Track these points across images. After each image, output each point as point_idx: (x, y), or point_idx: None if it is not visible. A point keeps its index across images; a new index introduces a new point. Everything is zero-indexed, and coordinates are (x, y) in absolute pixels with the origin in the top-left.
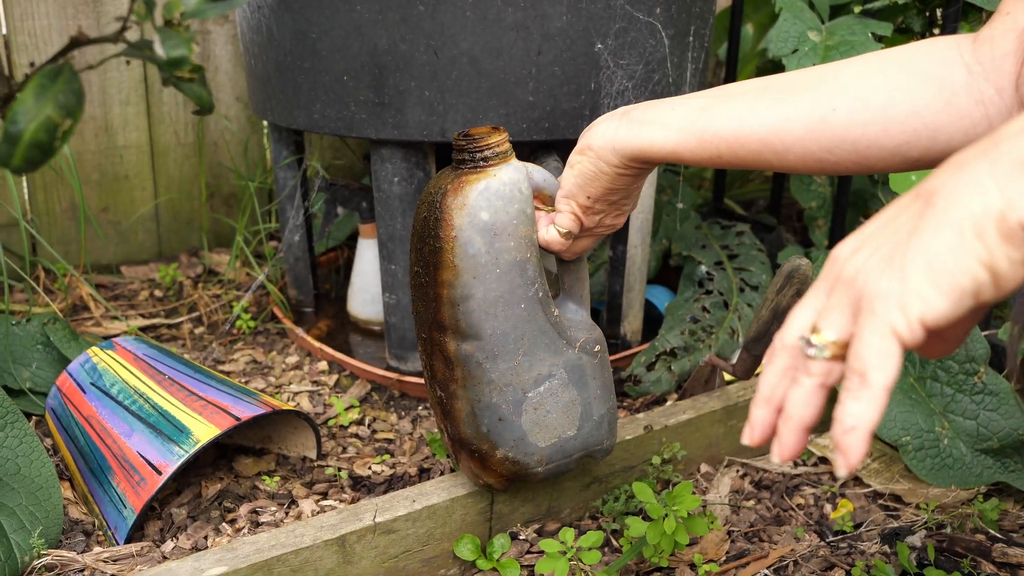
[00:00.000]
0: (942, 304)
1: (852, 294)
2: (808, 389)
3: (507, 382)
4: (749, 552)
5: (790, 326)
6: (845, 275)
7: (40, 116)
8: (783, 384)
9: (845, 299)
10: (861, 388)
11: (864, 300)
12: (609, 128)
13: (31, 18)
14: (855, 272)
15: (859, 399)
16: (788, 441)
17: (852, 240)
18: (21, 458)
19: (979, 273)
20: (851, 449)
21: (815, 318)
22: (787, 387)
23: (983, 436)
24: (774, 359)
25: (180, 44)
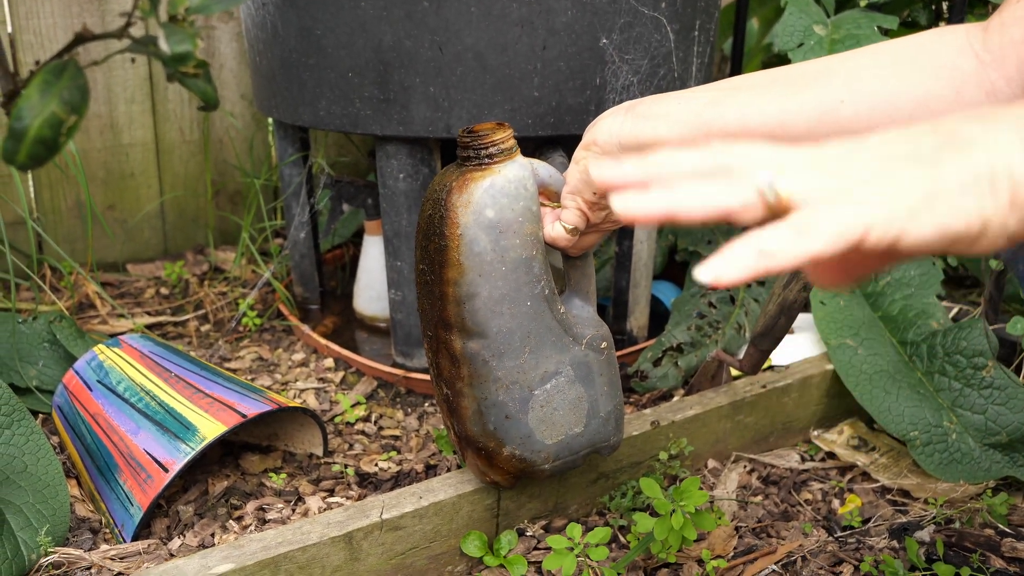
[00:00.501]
0: (928, 233)
1: (843, 179)
2: (711, 196)
3: (513, 380)
4: (757, 548)
5: (756, 145)
6: (845, 162)
7: (45, 112)
8: (684, 168)
9: (832, 180)
10: (792, 238)
11: (857, 188)
12: (615, 123)
13: (36, 16)
14: (856, 165)
15: (785, 240)
16: (647, 202)
17: (850, 143)
18: (28, 456)
19: (974, 223)
20: (740, 263)
21: (786, 166)
22: (688, 174)
23: (991, 430)
24: (705, 150)
25: (185, 39)
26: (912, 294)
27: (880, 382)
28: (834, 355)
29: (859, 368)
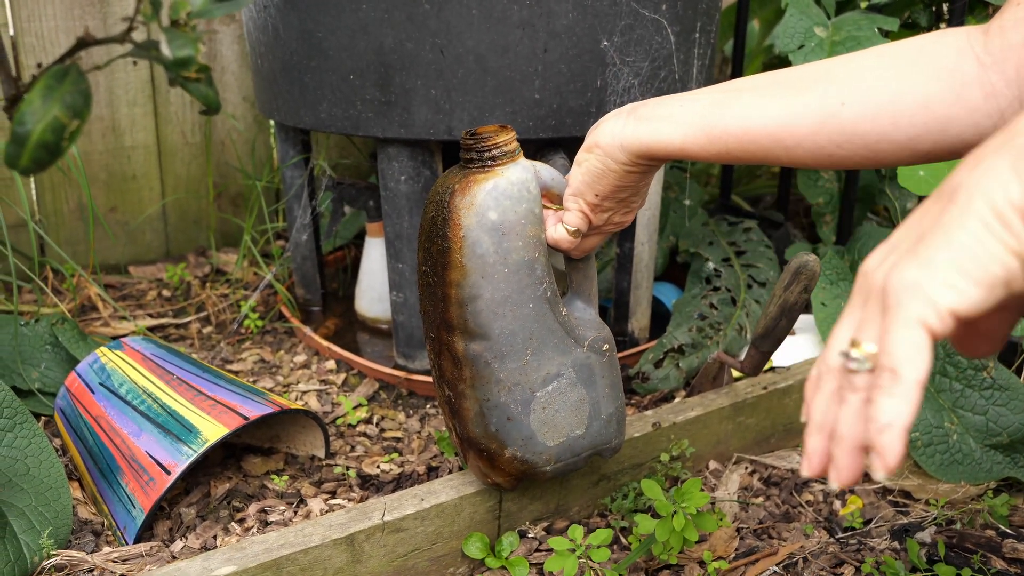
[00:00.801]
0: (974, 293)
1: (883, 297)
2: (856, 406)
3: (515, 381)
4: (758, 549)
5: (831, 347)
6: (876, 283)
7: (47, 117)
8: (833, 408)
9: (879, 306)
10: (893, 384)
11: (890, 296)
12: (617, 125)
13: (38, 19)
14: (884, 277)
15: (892, 395)
16: (844, 464)
17: (880, 250)
18: (30, 458)
19: (1010, 261)
20: (888, 448)
21: (853, 333)
22: (837, 410)
23: (992, 431)
24: (821, 384)
25: (186, 44)
26: None
27: None
28: None
29: None
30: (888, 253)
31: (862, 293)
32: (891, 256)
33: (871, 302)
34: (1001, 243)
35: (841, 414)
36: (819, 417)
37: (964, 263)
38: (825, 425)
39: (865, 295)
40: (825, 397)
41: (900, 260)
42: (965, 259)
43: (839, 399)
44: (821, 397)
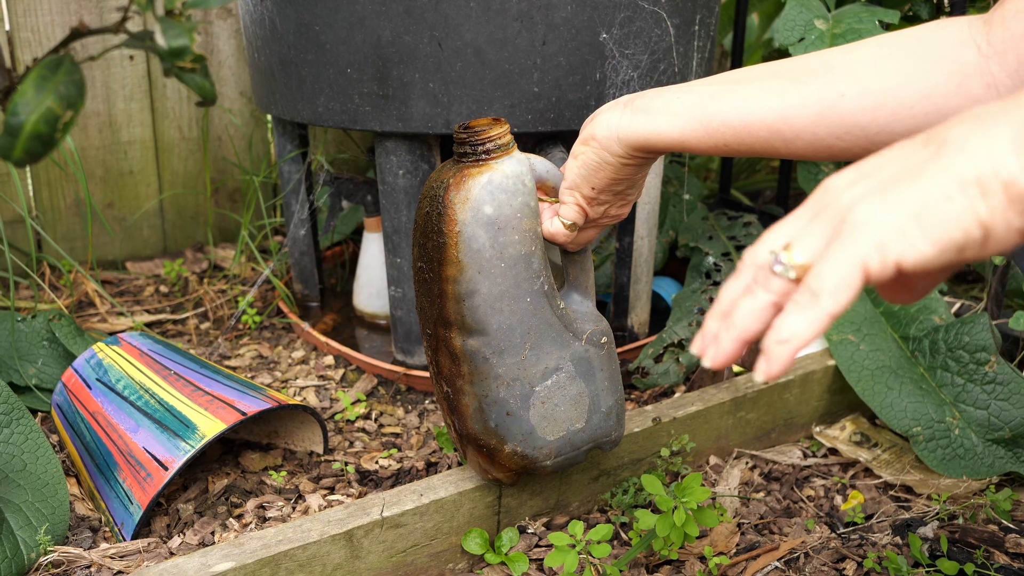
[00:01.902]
0: (926, 250)
1: (836, 220)
2: (760, 303)
3: (514, 376)
4: (759, 544)
5: (763, 241)
6: (836, 204)
7: (41, 107)
8: (740, 298)
9: (828, 226)
10: (810, 306)
11: (846, 224)
12: (613, 117)
13: (34, 14)
14: (847, 202)
15: (804, 316)
16: (723, 347)
17: (852, 172)
18: (27, 455)
19: (973, 230)
20: (778, 359)
21: (790, 239)
22: (742, 299)
23: (994, 426)
24: (740, 273)
25: (181, 34)
26: None
27: (882, 378)
28: (836, 351)
29: (861, 364)
30: (859, 179)
31: (817, 206)
32: (861, 183)
33: (823, 218)
34: (971, 210)
35: (743, 303)
36: (727, 304)
37: (928, 219)
38: (728, 312)
39: (819, 209)
40: (739, 286)
41: (869, 194)
42: (930, 215)
43: (749, 291)
44: (736, 285)
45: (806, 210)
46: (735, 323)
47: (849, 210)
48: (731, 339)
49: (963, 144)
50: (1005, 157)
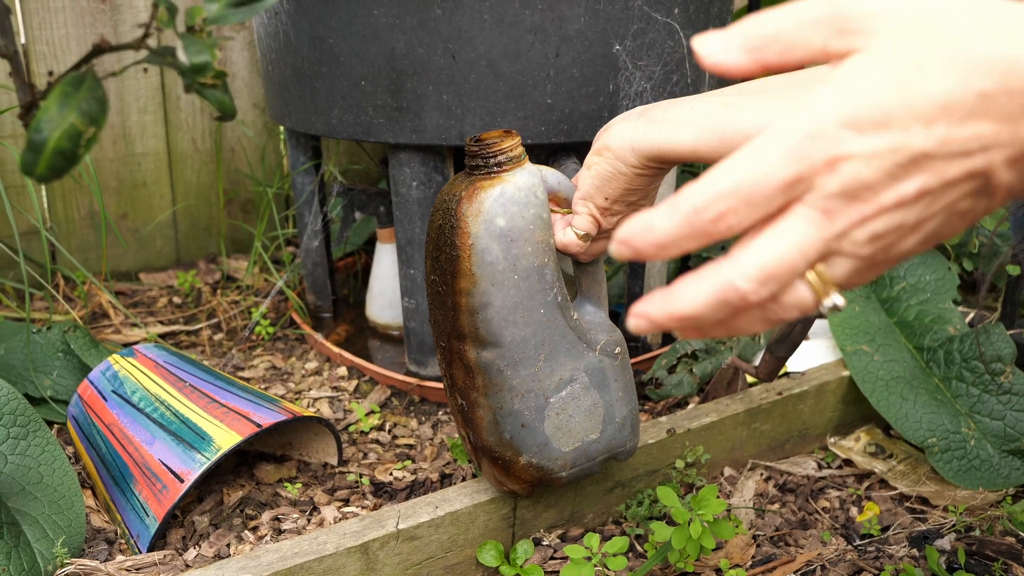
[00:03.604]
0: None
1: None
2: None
3: (529, 388)
4: (775, 557)
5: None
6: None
7: (64, 124)
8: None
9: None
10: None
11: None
12: (627, 128)
13: (49, 27)
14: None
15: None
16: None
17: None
18: (44, 467)
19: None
20: (642, 249)
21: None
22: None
23: (1010, 437)
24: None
25: (203, 50)
26: (928, 299)
27: (897, 388)
28: (850, 361)
29: (875, 374)
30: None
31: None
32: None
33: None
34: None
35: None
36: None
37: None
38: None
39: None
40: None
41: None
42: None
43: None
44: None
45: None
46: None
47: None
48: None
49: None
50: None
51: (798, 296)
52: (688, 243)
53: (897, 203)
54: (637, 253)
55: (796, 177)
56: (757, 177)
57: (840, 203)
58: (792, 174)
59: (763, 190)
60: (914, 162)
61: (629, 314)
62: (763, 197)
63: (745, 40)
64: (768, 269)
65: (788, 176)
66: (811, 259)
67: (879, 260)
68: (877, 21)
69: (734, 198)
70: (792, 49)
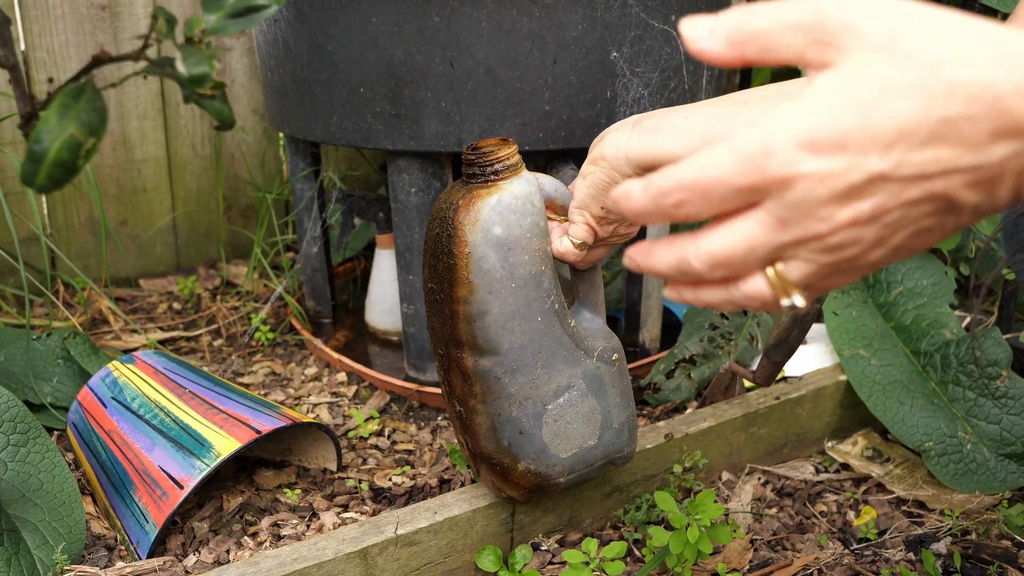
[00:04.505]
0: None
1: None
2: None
3: (526, 395)
4: (773, 561)
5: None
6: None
7: (64, 135)
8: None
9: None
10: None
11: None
12: (622, 137)
13: (49, 35)
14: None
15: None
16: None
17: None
18: (43, 473)
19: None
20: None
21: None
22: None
23: (1007, 440)
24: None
25: (202, 61)
26: (925, 304)
27: (894, 392)
28: (847, 366)
29: (872, 379)
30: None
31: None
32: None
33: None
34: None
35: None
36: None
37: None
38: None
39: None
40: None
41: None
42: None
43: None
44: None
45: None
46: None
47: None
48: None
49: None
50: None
51: (756, 287)
52: (656, 218)
53: (852, 221)
54: (622, 213)
55: (749, 186)
56: (711, 179)
57: (794, 215)
58: (744, 183)
59: (717, 191)
60: (870, 182)
61: (626, 252)
62: (717, 196)
63: (730, 32)
64: (716, 256)
65: (740, 183)
66: (761, 258)
67: (845, 268)
68: (852, 38)
69: (691, 192)
70: (772, 49)
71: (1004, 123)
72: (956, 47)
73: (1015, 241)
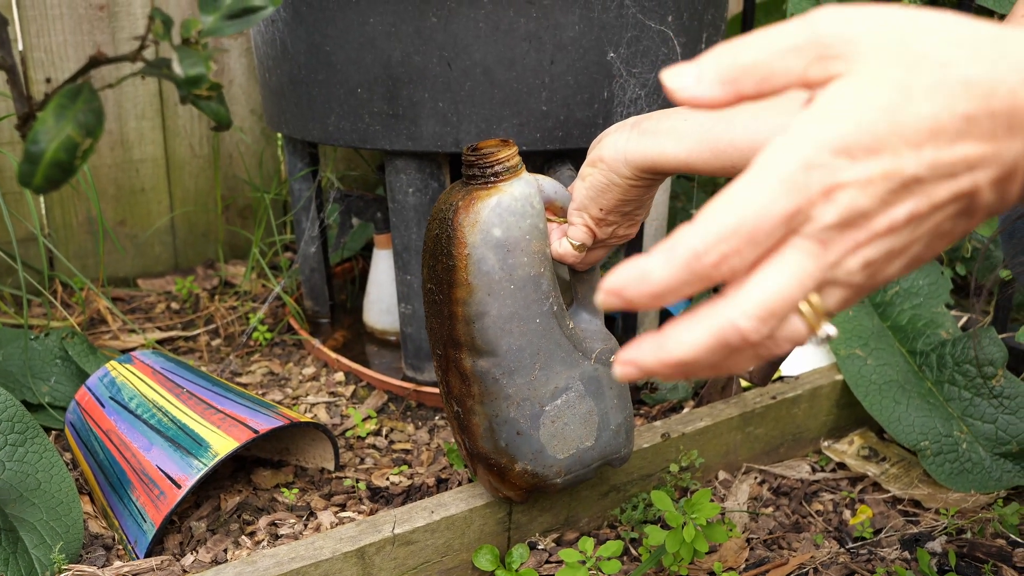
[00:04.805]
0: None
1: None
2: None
3: (524, 396)
4: (769, 560)
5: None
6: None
7: (60, 136)
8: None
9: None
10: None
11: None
12: (620, 139)
13: (47, 34)
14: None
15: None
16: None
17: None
18: (41, 473)
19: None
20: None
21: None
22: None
23: (1002, 440)
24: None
25: (198, 62)
26: (921, 304)
27: (890, 392)
28: (843, 365)
29: (868, 378)
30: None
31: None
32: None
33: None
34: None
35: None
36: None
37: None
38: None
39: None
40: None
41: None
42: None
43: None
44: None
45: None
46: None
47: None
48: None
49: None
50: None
51: (792, 329)
52: (687, 290)
53: (889, 228)
54: (629, 303)
55: (796, 209)
56: (759, 213)
57: (836, 232)
58: (792, 206)
59: (765, 226)
60: (905, 186)
61: (616, 361)
62: (765, 234)
63: (719, 72)
64: (770, 306)
65: (789, 209)
66: (808, 291)
67: (866, 287)
68: (858, 46)
69: (736, 238)
70: (770, 78)
71: (1019, 117)
72: (964, 47)
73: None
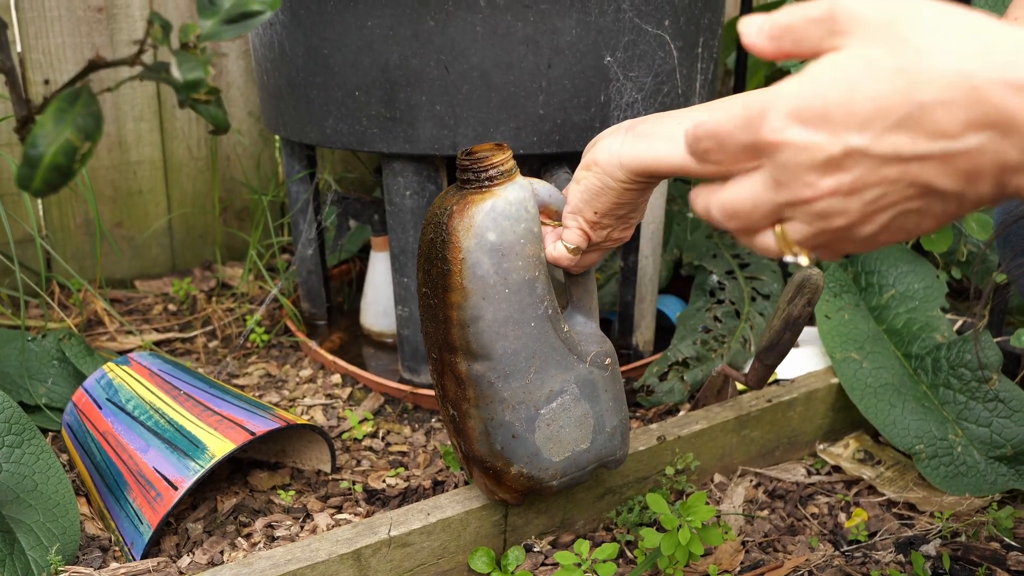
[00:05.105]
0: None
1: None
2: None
3: (519, 400)
4: (764, 562)
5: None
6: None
7: (59, 139)
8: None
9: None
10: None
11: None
12: (615, 143)
13: (45, 36)
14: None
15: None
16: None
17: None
18: (38, 474)
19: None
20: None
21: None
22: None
23: (997, 443)
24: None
25: (196, 67)
26: (916, 307)
27: (885, 395)
28: (839, 369)
29: (864, 381)
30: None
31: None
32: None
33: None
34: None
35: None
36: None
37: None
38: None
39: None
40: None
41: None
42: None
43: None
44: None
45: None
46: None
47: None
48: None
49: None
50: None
51: (766, 241)
52: (693, 166)
53: (833, 191)
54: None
55: (750, 143)
56: (728, 128)
57: (784, 178)
58: (746, 140)
59: (730, 143)
60: (847, 156)
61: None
62: (732, 147)
63: (771, 28)
64: (728, 207)
65: (743, 140)
66: (765, 213)
67: (841, 237)
68: (857, 24)
69: (713, 141)
70: (801, 42)
71: (978, 113)
72: (946, 37)
73: (1010, 247)
